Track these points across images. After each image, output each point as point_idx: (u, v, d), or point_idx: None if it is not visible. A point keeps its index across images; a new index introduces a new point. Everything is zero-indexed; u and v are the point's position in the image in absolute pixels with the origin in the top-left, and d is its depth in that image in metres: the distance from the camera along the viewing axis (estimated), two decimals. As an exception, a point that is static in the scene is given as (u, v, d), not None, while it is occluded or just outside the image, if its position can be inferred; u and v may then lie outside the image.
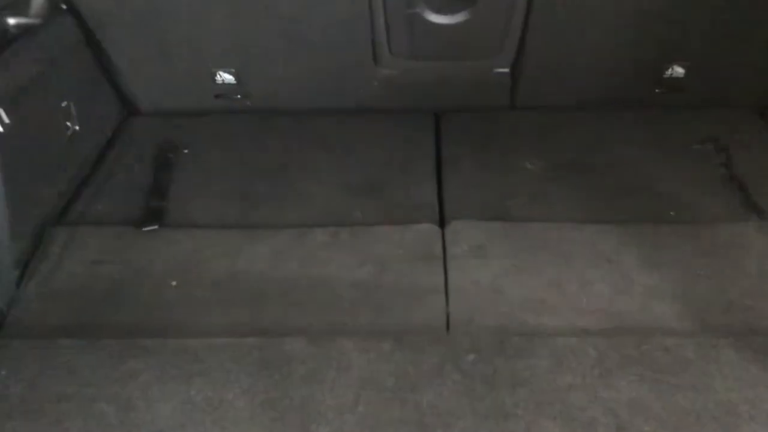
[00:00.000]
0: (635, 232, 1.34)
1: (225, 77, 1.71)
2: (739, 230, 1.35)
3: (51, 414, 1.03)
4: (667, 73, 1.67)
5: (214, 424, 1.01)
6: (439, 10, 1.55)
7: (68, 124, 1.55)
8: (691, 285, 1.23)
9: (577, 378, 1.06)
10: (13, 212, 1.23)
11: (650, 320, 1.18)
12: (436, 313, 1.20)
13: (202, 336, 1.16)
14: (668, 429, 0.98)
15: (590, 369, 1.07)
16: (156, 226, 1.39)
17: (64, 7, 1.58)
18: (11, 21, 1.45)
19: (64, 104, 1.52)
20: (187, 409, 1.03)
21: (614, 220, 1.37)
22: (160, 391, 1.06)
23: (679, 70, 1.67)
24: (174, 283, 1.27)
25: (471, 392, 1.05)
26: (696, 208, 1.42)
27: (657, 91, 1.70)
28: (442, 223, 1.39)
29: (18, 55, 1.33)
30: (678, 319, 1.18)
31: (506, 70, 1.68)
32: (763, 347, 1.10)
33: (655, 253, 1.29)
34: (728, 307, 1.19)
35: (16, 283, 1.27)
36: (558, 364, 1.08)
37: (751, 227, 1.35)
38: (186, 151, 1.65)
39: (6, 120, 1.14)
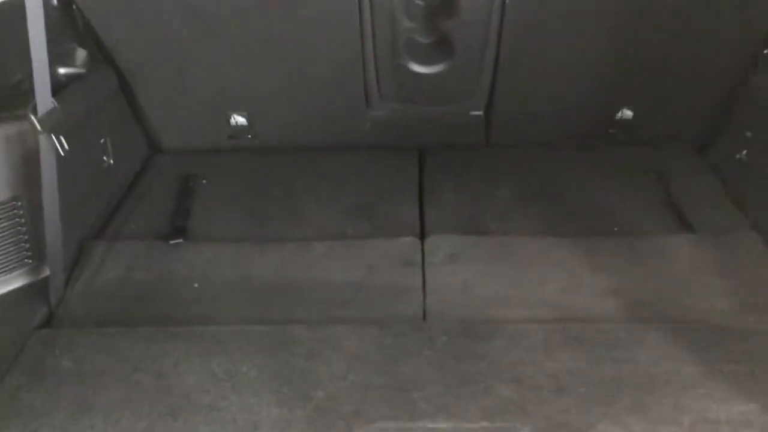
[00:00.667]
0: (584, 243, 1.59)
1: (238, 119, 1.98)
2: (670, 242, 1.60)
3: (96, 383, 1.27)
4: (618, 115, 1.95)
5: (232, 390, 1.24)
6: (421, 62, 1.83)
7: (105, 158, 1.82)
8: (628, 285, 1.48)
9: (527, 354, 1.29)
10: (63, 227, 1.48)
11: (592, 312, 1.42)
12: (415, 307, 1.44)
13: (220, 324, 1.40)
14: (599, 390, 1.21)
15: (539, 347, 1.31)
16: (180, 240, 1.65)
17: (104, 60, 1.86)
18: (61, 70, 1.74)
19: (102, 141, 1.79)
20: (209, 378, 1.27)
21: (567, 234, 1.62)
22: (186, 365, 1.29)
23: (628, 113, 1.94)
24: (196, 285, 1.52)
25: (441, 365, 1.28)
26: (636, 225, 1.67)
27: (610, 131, 1.97)
28: (422, 237, 1.64)
29: (67, 98, 1.59)
30: (615, 311, 1.42)
31: (480, 112, 1.95)
32: (683, 332, 1.33)
33: (599, 260, 1.54)
34: (658, 303, 1.43)
35: (64, 285, 1.51)
36: (513, 344, 1.32)
37: (681, 240, 1.60)
38: (204, 181, 1.92)
39: (66, 147, 1.40)
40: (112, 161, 1.82)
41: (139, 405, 1.21)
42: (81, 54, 1.81)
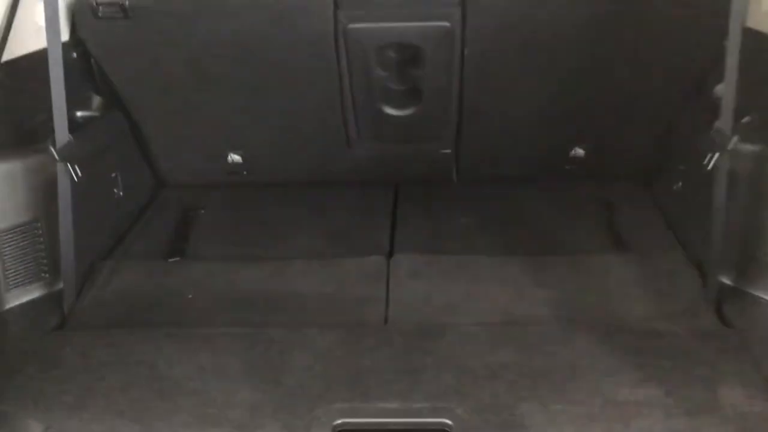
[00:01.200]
0: (531, 262, 1.80)
1: (234, 158, 2.23)
2: (606, 260, 1.82)
3: (99, 373, 1.48)
4: (572, 153, 2.17)
5: (215, 378, 1.45)
6: (394, 106, 2.07)
7: (115, 190, 2.06)
8: (565, 296, 1.69)
9: (471, 350, 1.50)
10: (75, 246, 1.71)
11: (532, 318, 1.62)
12: (378, 314, 1.66)
13: (209, 327, 1.61)
14: (527, 378, 1.41)
15: (481, 345, 1.51)
16: (178, 258, 1.88)
17: (116, 104, 2.12)
18: (78, 113, 2.00)
19: (113, 175, 2.04)
20: (196, 369, 1.48)
21: (517, 254, 1.84)
22: (177, 359, 1.50)
23: (580, 152, 2.17)
24: (190, 295, 1.74)
25: (395, 359, 1.49)
26: (578, 246, 1.89)
27: (566, 167, 2.20)
28: (389, 256, 1.86)
29: (82, 135, 1.84)
30: (553, 317, 1.63)
31: (449, 150, 2.19)
32: (606, 333, 1.53)
33: (543, 275, 1.75)
34: (588, 310, 1.64)
35: (75, 296, 1.74)
36: (459, 342, 1.52)
37: (615, 258, 1.82)
38: (203, 211, 2.16)
39: (79, 173, 1.65)
40: (121, 193, 2.07)
41: (135, 390, 1.42)
42: (96, 99, 2.08)
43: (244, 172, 2.25)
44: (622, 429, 1.29)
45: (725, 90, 1.53)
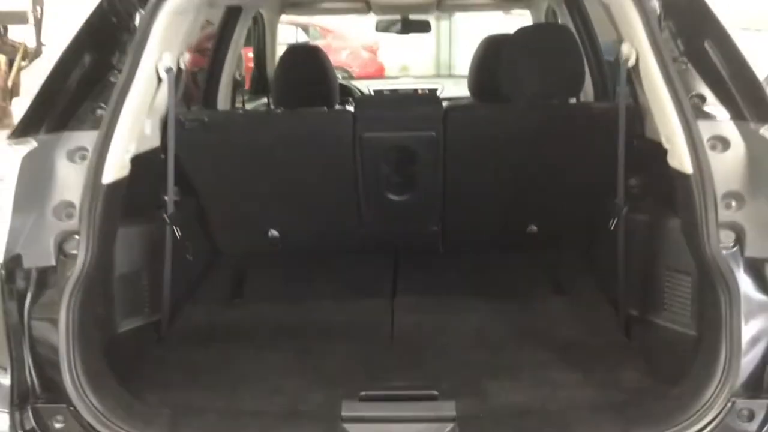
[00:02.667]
0: (492, 302, 2.49)
1: (273, 233, 2.94)
2: (545, 301, 2.52)
3: (186, 366, 2.14)
4: (528, 229, 2.89)
5: (277, 369, 2.10)
6: (395, 193, 2.81)
7: (187, 255, 2.75)
8: (517, 325, 2.36)
9: (448, 353, 2.16)
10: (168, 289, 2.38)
11: (493, 336, 2.30)
12: (385, 340, 2.32)
13: (264, 339, 2.28)
14: (489, 369, 2.07)
15: (456, 348, 2.18)
16: (239, 299, 2.57)
17: (188, 191, 2.83)
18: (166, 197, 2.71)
19: (186, 243, 2.73)
20: (254, 359, 2.15)
21: (481, 295, 2.53)
22: (246, 358, 2.17)
23: (533, 228, 2.88)
24: (249, 323, 2.43)
25: (396, 357, 2.15)
26: (531, 291, 2.58)
27: (524, 239, 2.90)
28: (392, 297, 2.55)
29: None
30: (508, 337, 2.30)
31: (436, 228, 2.91)
32: (542, 345, 2.20)
33: (502, 312, 2.44)
34: (539, 331, 2.31)
35: (167, 325, 2.39)
36: (440, 350, 2.19)
37: (552, 299, 2.54)
38: (249, 270, 2.84)
39: (178, 235, 2.34)
40: (190, 258, 2.75)
41: (215, 377, 2.08)
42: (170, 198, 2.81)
43: (280, 246, 2.95)
44: (551, 396, 1.95)
45: (618, 175, 2.27)
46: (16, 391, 1.80)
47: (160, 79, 2.13)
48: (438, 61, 15.57)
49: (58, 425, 1.80)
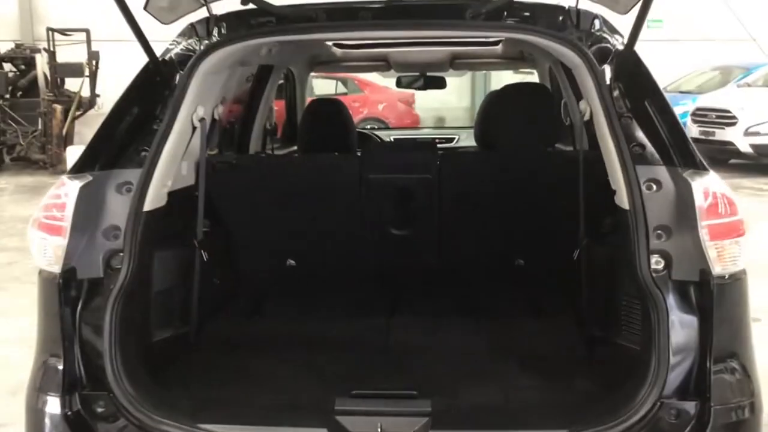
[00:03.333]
0: (479, 320, 2.84)
1: (291, 262, 3.33)
2: (522, 322, 2.85)
3: (213, 372, 2.52)
4: (515, 263, 3.24)
5: (287, 367, 2.47)
6: (396, 228, 3.20)
7: (214, 279, 3.14)
8: (503, 336, 2.71)
9: (435, 362, 2.51)
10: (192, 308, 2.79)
11: (477, 348, 2.65)
12: (380, 351, 2.67)
13: (284, 347, 2.66)
14: (462, 375, 2.42)
15: (446, 360, 2.53)
16: (257, 317, 2.96)
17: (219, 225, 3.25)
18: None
19: (214, 268, 3.14)
20: (277, 361, 2.52)
21: (467, 320, 2.88)
22: (264, 357, 2.55)
23: (521, 262, 3.24)
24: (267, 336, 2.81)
25: (391, 366, 2.51)
26: (512, 312, 2.92)
27: (512, 271, 3.25)
28: (390, 316, 2.92)
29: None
30: (489, 348, 2.64)
31: (432, 259, 3.27)
32: (512, 353, 2.54)
33: (485, 326, 2.79)
34: (516, 346, 2.65)
35: (197, 335, 2.79)
36: (430, 360, 2.54)
37: (529, 321, 2.86)
38: (268, 293, 3.24)
39: (205, 259, 2.75)
40: (217, 281, 3.15)
41: (236, 373, 2.46)
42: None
43: (296, 273, 3.35)
44: (510, 398, 2.29)
45: (580, 213, 2.62)
46: (67, 380, 2.20)
47: (194, 128, 2.56)
48: (473, 111, 16.08)
49: (99, 409, 2.20)
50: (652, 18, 12.86)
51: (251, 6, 2.51)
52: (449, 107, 15.62)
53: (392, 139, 5.40)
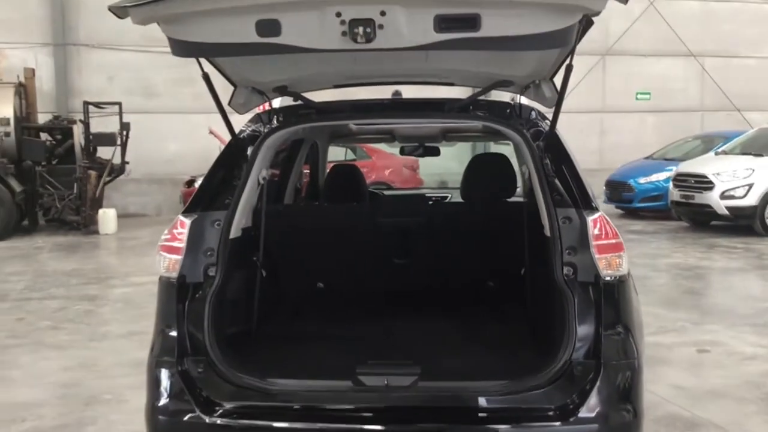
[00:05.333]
0: (455, 325, 3.93)
1: (320, 285, 4.46)
2: (490, 324, 3.94)
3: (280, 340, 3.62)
4: (487, 285, 4.36)
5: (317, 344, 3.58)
6: (397, 258, 4.33)
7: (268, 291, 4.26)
8: (461, 336, 3.80)
9: (418, 343, 3.61)
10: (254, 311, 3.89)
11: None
12: (387, 340, 3.77)
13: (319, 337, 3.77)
14: (438, 363, 3.51)
15: (423, 342, 3.62)
16: (298, 320, 4.07)
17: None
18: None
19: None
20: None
21: (449, 322, 3.97)
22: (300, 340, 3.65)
23: (491, 284, 4.35)
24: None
25: (392, 349, 3.60)
26: (477, 319, 4.01)
27: (484, 292, 4.36)
28: (394, 321, 4.03)
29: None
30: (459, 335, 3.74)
31: (426, 281, 4.39)
32: (467, 346, 3.63)
33: (455, 330, 3.88)
34: (467, 341, 3.74)
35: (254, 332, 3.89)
36: (422, 345, 3.64)
37: (497, 324, 3.95)
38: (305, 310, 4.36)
39: (264, 275, 3.87)
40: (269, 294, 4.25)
41: (280, 353, 3.56)
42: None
43: (325, 293, 4.47)
44: (471, 364, 3.37)
45: (526, 243, 3.75)
46: (179, 348, 3.31)
47: (260, 184, 3.72)
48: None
49: (199, 369, 3.28)
50: (640, 90, 14.83)
51: (299, 102, 3.72)
52: (450, 172, 16.85)
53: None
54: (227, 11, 2.69)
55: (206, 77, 3.31)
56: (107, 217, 15.11)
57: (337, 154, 15.62)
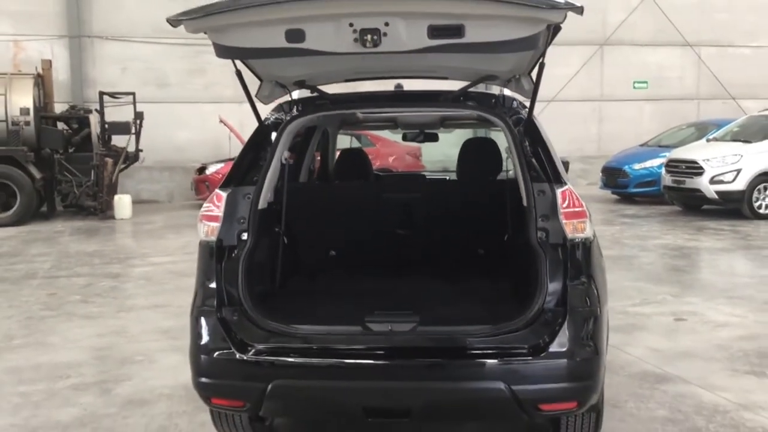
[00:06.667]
0: (449, 284, 4.58)
1: (332, 253, 5.09)
2: (479, 282, 4.59)
3: (296, 299, 4.29)
4: (478, 252, 5.00)
5: (331, 301, 4.24)
6: (400, 228, 4.97)
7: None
8: (454, 292, 4.45)
9: (419, 298, 4.26)
10: (277, 273, 4.55)
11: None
12: (391, 294, 4.42)
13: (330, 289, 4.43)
14: (431, 316, 4.17)
15: (423, 297, 4.27)
16: (314, 280, 4.73)
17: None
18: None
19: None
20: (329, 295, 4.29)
21: (444, 281, 4.62)
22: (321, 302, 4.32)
23: (481, 251, 5.00)
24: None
25: (396, 302, 4.26)
26: (468, 279, 4.66)
27: (476, 258, 5.00)
28: (398, 280, 4.68)
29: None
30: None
31: (423, 248, 5.03)
32: (459, 300, 4.29)
33: (448, 287, 4.53)
34: (459, 295, 4.40)
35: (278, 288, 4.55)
36: (417, 297, 4.29)
37: (485, 283, 4.61)
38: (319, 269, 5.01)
39: (286, 241, 4.53)
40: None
41: (301, 305, 4.22)
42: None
43: (337, 260, 5.12)
44: (462, 314, 4.02)
45: (508, 215, 4.40)
46: (218, 299, 3.96)
47: (282, 164, 4.37)
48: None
49: (234, 316, 3.94)
50: (638, 79, 15.70)
51: (315, 94, 4.37)
52: (451, 159, 17.53)
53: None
54: (262, 23, 3.35)
55: (239, 74, 3.94)
56: (123, 203, 15.77)
57: (343, 142, 16.29)
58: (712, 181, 14.12)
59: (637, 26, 21.35)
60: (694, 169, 14.41)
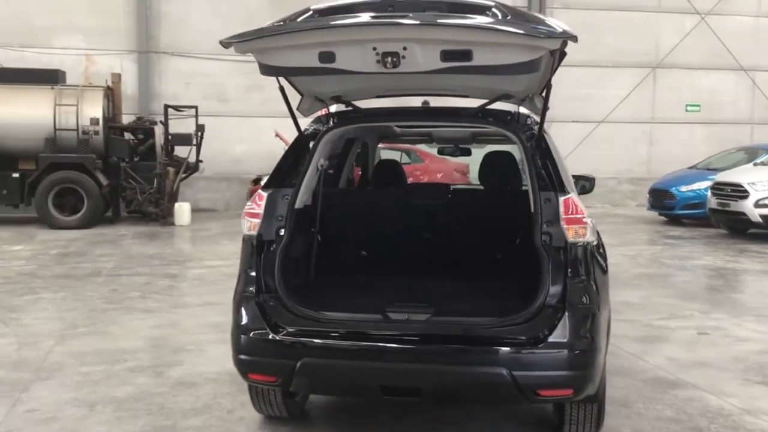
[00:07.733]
0: (467, 283, 5.03)
1: (364, 253, 5.59)
2: (493, 283, 5.04)
3: (323, 286, 4.80)
4: (496, 257, 5.43)
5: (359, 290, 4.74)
6: (426, 232, 5.44)
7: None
8: (471, 290, 4.89)
9: (436, 294, 4.73)
10: (311, 269, 5.07)
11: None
12: (411, 290, 4.89)
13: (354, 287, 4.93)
14: (438, 305, 4.63)
15: (439, 293, 4.73)
16: (347, 276, 5.24)
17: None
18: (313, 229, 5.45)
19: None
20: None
21: (462, 280, 5.07)
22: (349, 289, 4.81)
23: (499, 256, 5.42)
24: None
25: (415, 296, 4.73)
26: (484, 279, 5.10)
27: (494, 262, 5.43)
28: (421, 279, 5.16)
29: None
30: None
31: (447, 251, 5.49)
32: (475, 298, 4.73)
33: (466, 286, 4.99)
34: (475, 293, 4.85)
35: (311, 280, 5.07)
36: (434, 293, 4.76)
37: (499, 284, 5.05)
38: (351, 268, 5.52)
39: (319, 240, 5.04)
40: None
41: (332, 296, 4.72)
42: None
43: (368, 260, 5.61)
44: (474, 309, 4.47)
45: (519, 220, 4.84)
46: (257, 286, 4.49)
47: (318, 170, 4.90)
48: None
49: (271, 302, 4.45)
50: (690, 102, 16.10)
51: (350, 108, 4.90)
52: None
53: None
54: (300, 46, 3.91)
55: (282, 90, 4.50)
56: (182, 210, 16.58)
57: (395, 158, 16.87)
58: (757, 205, 14.16)
59: (691, 50, 21.42)
60: (739, 192, 14.46)
